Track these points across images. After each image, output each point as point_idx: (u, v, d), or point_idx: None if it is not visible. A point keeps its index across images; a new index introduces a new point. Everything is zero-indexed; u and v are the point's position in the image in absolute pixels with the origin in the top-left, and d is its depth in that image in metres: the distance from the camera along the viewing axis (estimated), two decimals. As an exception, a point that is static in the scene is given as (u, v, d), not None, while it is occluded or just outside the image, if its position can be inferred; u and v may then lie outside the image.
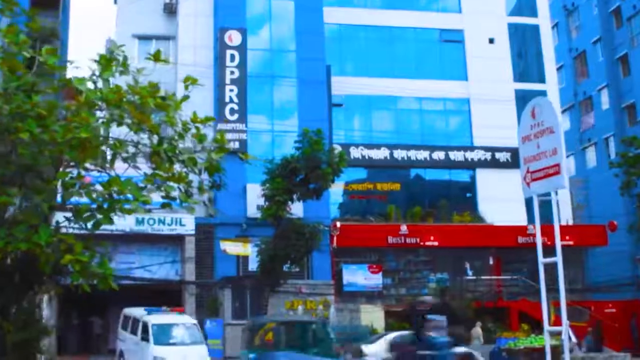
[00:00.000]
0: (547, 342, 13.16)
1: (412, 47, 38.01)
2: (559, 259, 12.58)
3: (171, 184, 11.38)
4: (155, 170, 11.31)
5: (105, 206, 9.89)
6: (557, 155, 12.73)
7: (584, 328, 31.13)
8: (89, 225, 10.03)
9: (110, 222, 10.04)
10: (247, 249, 28.91)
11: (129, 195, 9.93)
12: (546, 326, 13.03)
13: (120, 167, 11.03)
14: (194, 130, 11.50)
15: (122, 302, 34.41)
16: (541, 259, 13.32)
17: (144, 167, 11.27)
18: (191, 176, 11.56)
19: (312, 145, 27.05)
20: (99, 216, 9.90)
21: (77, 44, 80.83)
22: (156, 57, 11.55)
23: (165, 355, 22.23)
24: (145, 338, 23.41)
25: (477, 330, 30.75)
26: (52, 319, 29.26)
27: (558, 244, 12.66)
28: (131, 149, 11.15)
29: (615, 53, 48.29)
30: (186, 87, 12.18)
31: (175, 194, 11.74)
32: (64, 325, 32.89)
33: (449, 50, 38.29)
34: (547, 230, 36.03)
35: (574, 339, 29.51)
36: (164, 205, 11.93)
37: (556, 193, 14.13)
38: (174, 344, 23.19)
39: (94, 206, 9.96)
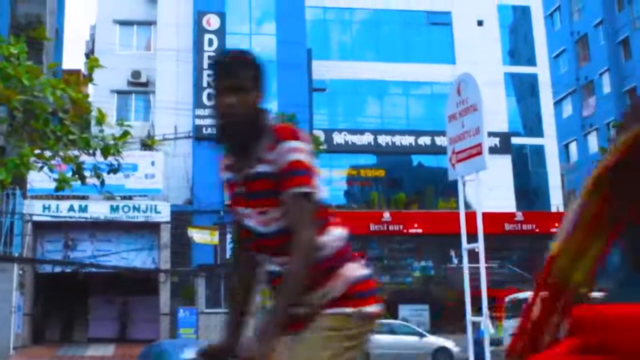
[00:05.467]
0: (469, 332, 12.46)
1: (398, 30, 37.09)
2: (480, 245, 11.83)
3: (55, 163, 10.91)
4: (42, 150, 10.88)
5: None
6: (480, 134, 11.99)
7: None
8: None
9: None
10: (215, 238, 28.33)
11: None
12: (468, 316, 12.32)
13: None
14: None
15: (101, 289, 34.32)
16: (465, 245, 12.57)
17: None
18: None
19: (284, 130, 26.43)
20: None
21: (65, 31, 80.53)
22: (40, 34, 11.14)
23: None
24: None
25: None
26: (24, 307, 29.01)
27: (480, 230, 11.90)
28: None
29: (616, 36, 47.23)
30: (90, 70, 11.66)
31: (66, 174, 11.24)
32: (43, 313, 32.66)
33: (437, 33, 37.34)
34: (538, 217, 35.36)
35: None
36: (57, 188, 11.41)
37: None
38: None
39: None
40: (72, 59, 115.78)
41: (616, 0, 47.51)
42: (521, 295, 25.01)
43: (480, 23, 37.48)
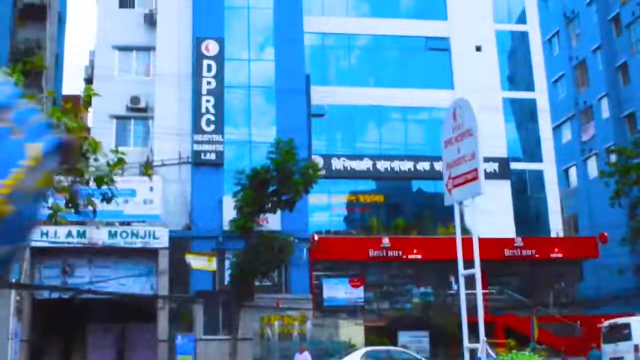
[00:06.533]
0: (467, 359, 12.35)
1: (397, 56, 37.16)
2: (477, 271, 11.77)
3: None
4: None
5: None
6: (475, 160, 11.98)
7: (580, 343, 29.90)
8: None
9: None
10: (212, 264, 28.20)
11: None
12: (465, 343, 12.22)
13: None
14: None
15: (100, 316, 34.06)
16: (462, 272, 12.49)
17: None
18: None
19: (283, 156, 26.42)
20: None
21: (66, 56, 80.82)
22: (38, 64, 11.11)
23: None
24: None
25: None
26: (22, 333, 28.81)
27: (476, 255, 11.85)
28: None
29: (615, 61, 47.27)
30: (86, 98, 11.67)
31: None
32: (41, 340, 32.41)
33: (435, 59, 37.38)
34: (538, 242, 35.22)
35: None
36: (50, 217, 11.39)
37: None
38: None
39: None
40: (73, 84, 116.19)
41: (614, 25, 47.68)
42: (620, 320, 24.89)
43: (478, 49, 37.54)
